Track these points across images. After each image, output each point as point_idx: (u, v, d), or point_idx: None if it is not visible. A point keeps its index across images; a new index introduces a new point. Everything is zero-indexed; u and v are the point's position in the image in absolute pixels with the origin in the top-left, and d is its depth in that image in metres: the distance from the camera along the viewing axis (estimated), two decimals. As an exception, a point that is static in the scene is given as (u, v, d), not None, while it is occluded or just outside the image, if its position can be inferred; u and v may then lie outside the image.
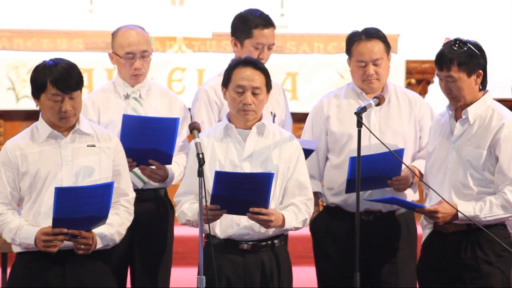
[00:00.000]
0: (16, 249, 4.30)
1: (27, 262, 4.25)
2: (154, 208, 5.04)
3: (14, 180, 4.27)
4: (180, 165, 4.96)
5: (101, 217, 4.18)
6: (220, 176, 4.18)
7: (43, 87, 4.18)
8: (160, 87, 5.21)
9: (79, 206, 4.08)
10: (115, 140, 4.40)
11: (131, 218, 4.43)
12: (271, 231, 4.42)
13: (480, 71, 4.46)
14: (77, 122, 4.30)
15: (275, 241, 4.46)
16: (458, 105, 4.51)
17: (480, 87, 4.50)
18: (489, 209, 4.41)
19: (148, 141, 4.66)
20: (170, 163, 4.80)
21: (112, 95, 5.06)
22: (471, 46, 4.45)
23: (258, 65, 4.48)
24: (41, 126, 4.30)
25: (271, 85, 4.52)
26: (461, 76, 4.43)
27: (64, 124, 4.25)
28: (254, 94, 4.41)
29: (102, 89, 5.14)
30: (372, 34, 4.86)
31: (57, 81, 4.16)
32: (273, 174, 4.23)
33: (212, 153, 4.43)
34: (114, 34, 5.04)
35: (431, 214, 4.46)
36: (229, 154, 4.43)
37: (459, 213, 4.40)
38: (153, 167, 4.82)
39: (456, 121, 4.54)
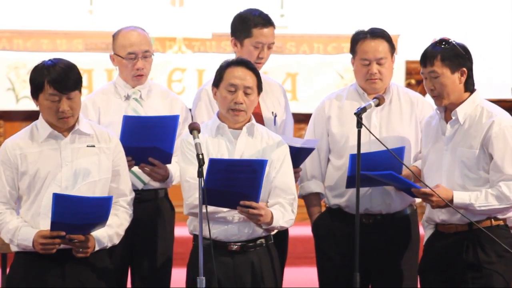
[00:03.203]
0: (14, 248, 4.29)
1: (26, 262, 4.25)
2: (154, 209, 5.03)
3: (13, 179, 4.26)
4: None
5: (100, 224, 4.19)
6: (213, 164, 4.17)
7: (41, 87, 4.18)
8: (161, 88, 5.21)
9: (77, 214, 4.08)
10: (114, 141, 4.40)
11: (130, 219, 4.43)
12: (260, 232, 4.42)
13: (464, 69, 4.47)
14: (76, 122, 4.29)
15: (264, 241, 4.46)
16: (442, 105, 4.52)
17: (465, 88, 4.50)
18: (485, 199, 4.41)
19: (148, 139, 4.65)
20: (169, 162, 4.80)
21: (112, 96, 5.05)
22: (455, 45, 4.48)
23: (250, 65, 4.49)
24: (41, 125, 4.29)
25: (262, 88, 4.52)
26: (444, 72, 4.45)
27: (62, 124, 4.25)
28: (245, 94, 4.42)
29: (102, 90, 5.14)
30: (378, 33, 4.88)
31: (54, 81, 4.15)
32: (266, 160, 4.23)
33: (207, 149, 4.42)
34: (115, 36, 5.04)
35: (425, 196, 4.46)
36: (221, 152, 4.44)
37: (454, 199, 4.40)
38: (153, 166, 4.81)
39: (446, 122, 4.55)
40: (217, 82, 4.49)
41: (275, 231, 4.53)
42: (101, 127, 4.47)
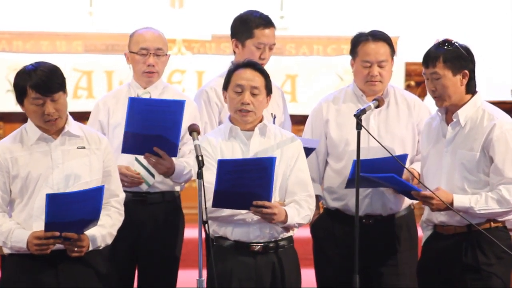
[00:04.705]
0: (7, 251, 4.29)
1: (19, 263, 4.25)
2: (161, 212, 5.00)
3: (5, 183, 4.26)
4: (191, 166, 4.89)
5: (92, 220, 4.19)
6: (222, 165, 4.17)
7: (24, 92, 4.19)
8: (175, 91, 5.18)
9: (71, 210, 4.08)
10: (104, 142, 4.40)
11: (121, 218, 4.43)
12: (280, 231, 4.43)
13: (466, 72, 4.47)
14: (66, 124, 4.29)
15: (284, 243, 4.47)
16: (443, 106, 4.52)
17: (467, 90, 4.50)
18: (485, 202, 4.42)
19: (154, 126, 4.62)
20: (175, 155, 4.74)
21: (123, 97, 5.03)
22: (458, 47, 4.47)
23: (257, 67, 4.50)
24: (30, 128, 4.29)
25: (271, 89, 4.52)
26: (446, 74, 4.45)
27: (49, 127, 4.24)
28: (253, 94, 4.43)
29: (116, 91, 5.17)
30: (379, 36, 4.89)
31: (35, 85, 4.15)
32: (275, 158, 4.22)
33: (221, 152, 4.44)
34: (131, 35, 5.10)
35: (425, 199, 4.45)
36: (235, 154, 4.44)
37: (454, 203, 4.40)
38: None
39: (447, 124, 4.54)
40: (226, 85, 4.50)
41: (295, 229, 4.53)
42: (90, 129, 4.48)
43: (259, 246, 4.41)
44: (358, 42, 4.91)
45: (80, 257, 4.22)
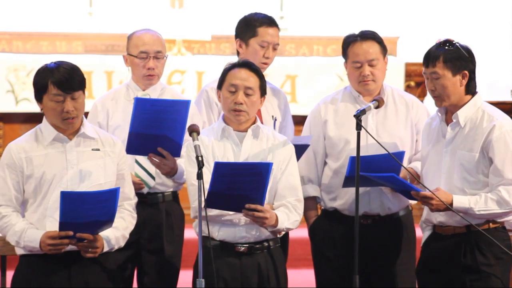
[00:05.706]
0: (19, 251, 4.29)
1: (31, 264, 4.25)
2: (161, 212, 5.00)
3: (18, 183, 4.27)
4: None
5: (107, 221, 4.19)
6: (219, 168, 4.17)
7: (45, 88, 4.20)
8: (174, 93, 5.17)
9: (85, 211, 4.08)
10: (119, 145, 4.41)
11: (134, 221, 4.45)
12: (267, 233, 4.43)
13: (466, 72, 4.47)
14: (81, 126, 4.30)
15: (270, 243, 4.47)
16: (442, 106, 4.52)
17: (467, 91, 4.50)
18: (484, 203, 4.42)
19: (158, 126, 4.61)
20: (179, 155, 4.73)
21: (122, 99, 5.04)
22: (459, 47, 4.47)
23: (252, 67, 4.50)
24: (45, 128, 4.29)
25: (266, 90, 4.52)
26: (445, 74, 4.45)
27: (66, 126, 4.25)
28: (246, 94, 4.42)
29: (114, 92, 5.14)
30: (368, 35, 4.88)
31: (58, 81, 4.17)
32: (271, 163, 4.23)
33: (212, 152, 4.44)
34: (129, 37, 5.08)
35: (425, 200, 4.46)
36: (227, 155, 4.44)
37: (453, 203, 4.39)
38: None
39: (447, 125, 4.54)
40: (220, 84, 4.50)
41: (282, 233, 4.54)
42: (104, 132, 4.48)
43: (244, 247, 4.41)
44: (347, 43, 4.91)
45: (93, 259, 4.23)
